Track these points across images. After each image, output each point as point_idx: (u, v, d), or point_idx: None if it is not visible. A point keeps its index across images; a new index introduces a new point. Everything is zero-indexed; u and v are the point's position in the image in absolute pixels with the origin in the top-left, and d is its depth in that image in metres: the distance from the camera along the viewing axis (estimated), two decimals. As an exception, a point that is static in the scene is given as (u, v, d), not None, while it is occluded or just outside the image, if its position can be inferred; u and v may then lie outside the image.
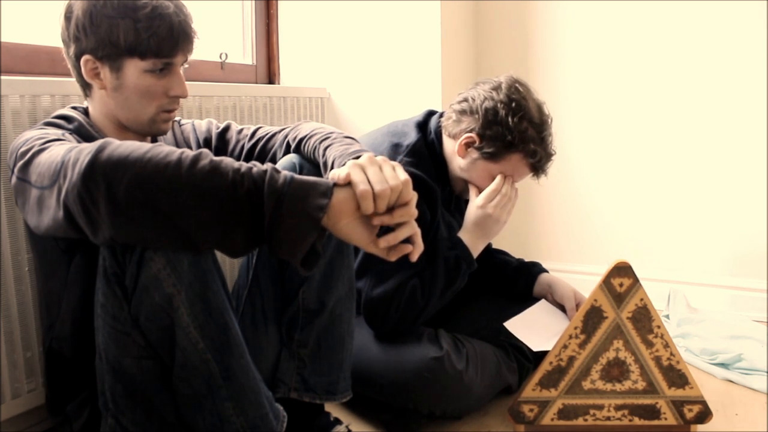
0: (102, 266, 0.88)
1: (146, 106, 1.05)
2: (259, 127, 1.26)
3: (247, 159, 1.23)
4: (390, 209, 0.85)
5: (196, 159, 0.79)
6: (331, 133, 1.08)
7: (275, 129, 1.24)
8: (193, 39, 1.06)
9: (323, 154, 1.03)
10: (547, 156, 1.34)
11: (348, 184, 0.84)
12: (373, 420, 1.34)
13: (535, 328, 1.36)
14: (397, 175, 0.86)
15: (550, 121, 1.34)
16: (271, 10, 2.06)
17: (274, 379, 1.12)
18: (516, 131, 1.28)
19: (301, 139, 1.11)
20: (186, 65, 1.09)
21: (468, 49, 2.18)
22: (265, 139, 1.23)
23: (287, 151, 1.16)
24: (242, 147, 1.24)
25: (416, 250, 0.88)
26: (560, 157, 2.03)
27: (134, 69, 1.01)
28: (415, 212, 0.86)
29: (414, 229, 0.87)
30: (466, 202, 1.38)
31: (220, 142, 1.26)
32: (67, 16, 1.01)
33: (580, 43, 2.09)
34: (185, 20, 1.03)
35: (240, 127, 1.27)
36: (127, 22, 0.98)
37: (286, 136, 1.18)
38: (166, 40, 1.00)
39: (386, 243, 0.86)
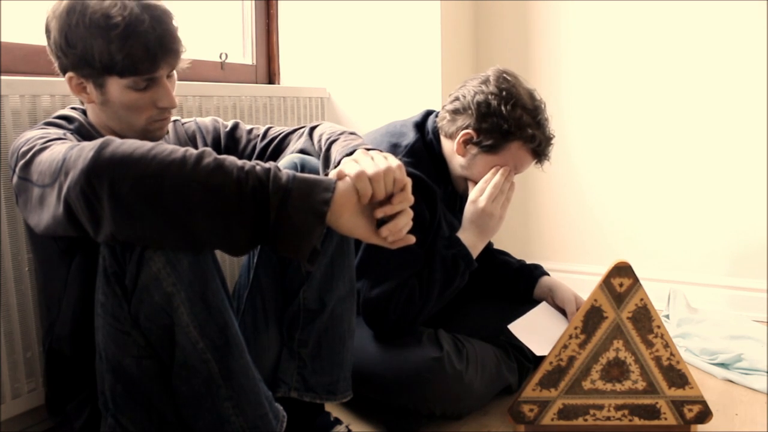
0: (102, 266, 0.88)
1: (136, 118, 1.03)
2: (270, 127, 1.27)
3: (259, 159, 1.23)
4: (389, 198, 0.88)
5: (201, 157, 0.80)
6: (338, 131, 1.11)
7: (287, 129, 1.25)
8: (176, 49, 1.00)
9: (329, 152, 1.05)
10: (547, 139, 1.33)
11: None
12: (373, 420, 1.34)
13: (538, 331, 1.35)
14: (388, 160, 0.89)
15: (543, 105, 1.34)
16: (271, 10, 2.06)
17: (275, 379, 1.12)
18: (511, 119, 1.28)
19: (315, 139, 1.14)
20: (175, 73, 1.06)
21: (468, 49, 2.18)
22: (278, 139, 1.23)
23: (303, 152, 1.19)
24: (254, 146, 1.24)
25: (409, 236, 0.92)
26: (560, 158, 2.04)
27: (117, 86, 0.99)
28: (411, 198, 0.90)
29: (410, 215, 0.90)
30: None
31: (230, 141, 1.25)
32: (47, 33, 0.99)
33: (581, 42, 2.09)
34: (163, 32, 0.97)
35: (249, 127, 1.28)
36: (100, 42, 0.94)
37: (300, 136, 1.19)
38: (143, 58, 0.96)
39: (388, 231, 0.88)
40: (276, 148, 1.23)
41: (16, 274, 1.18)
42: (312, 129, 1.18)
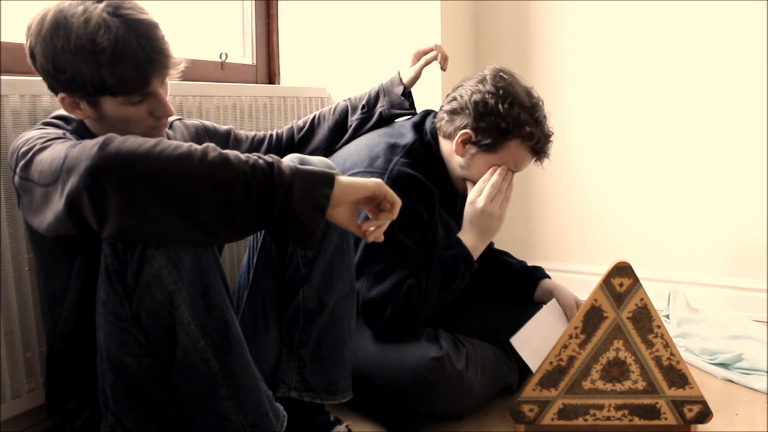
0: (104, 264, 0.88)
1: (133, 129, 1.01)
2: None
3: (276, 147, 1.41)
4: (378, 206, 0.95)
5: (206, 151, 0.81)
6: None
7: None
8: (167, 62, 0.98)
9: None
10: (545, 137, 1.33)
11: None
12: (373, 420, 1.34)
13: (539, 343, 1.31)
14: None
15: (541, 102, 1.33)
16: (271, 10, 2.06)
17: (275, 379, 1.12)
18: (509, 117, 1.27)
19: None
20: (172, 79, 1.04)
21: (468, 49, 2.18)
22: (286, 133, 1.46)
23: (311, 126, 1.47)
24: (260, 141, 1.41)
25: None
26: (561, 158, 2.04)
27: (111, 103, 0.97)
28: (396, 215, 0.96)
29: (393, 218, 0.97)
30: None
31: (235, 142, 1.37)
32: (32, 56, 0.96)
33: (581, 42, 2.09)
34: (152, 48, 0.95)
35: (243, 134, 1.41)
36: (89, 67, 0.91)
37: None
38: (134, 78, 0.94)
39: (371, 232, 0.96)
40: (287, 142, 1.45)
41: (16, 274, 1.18)
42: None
